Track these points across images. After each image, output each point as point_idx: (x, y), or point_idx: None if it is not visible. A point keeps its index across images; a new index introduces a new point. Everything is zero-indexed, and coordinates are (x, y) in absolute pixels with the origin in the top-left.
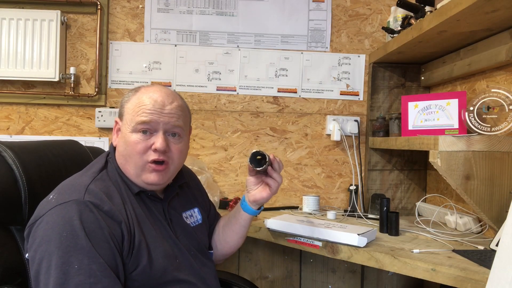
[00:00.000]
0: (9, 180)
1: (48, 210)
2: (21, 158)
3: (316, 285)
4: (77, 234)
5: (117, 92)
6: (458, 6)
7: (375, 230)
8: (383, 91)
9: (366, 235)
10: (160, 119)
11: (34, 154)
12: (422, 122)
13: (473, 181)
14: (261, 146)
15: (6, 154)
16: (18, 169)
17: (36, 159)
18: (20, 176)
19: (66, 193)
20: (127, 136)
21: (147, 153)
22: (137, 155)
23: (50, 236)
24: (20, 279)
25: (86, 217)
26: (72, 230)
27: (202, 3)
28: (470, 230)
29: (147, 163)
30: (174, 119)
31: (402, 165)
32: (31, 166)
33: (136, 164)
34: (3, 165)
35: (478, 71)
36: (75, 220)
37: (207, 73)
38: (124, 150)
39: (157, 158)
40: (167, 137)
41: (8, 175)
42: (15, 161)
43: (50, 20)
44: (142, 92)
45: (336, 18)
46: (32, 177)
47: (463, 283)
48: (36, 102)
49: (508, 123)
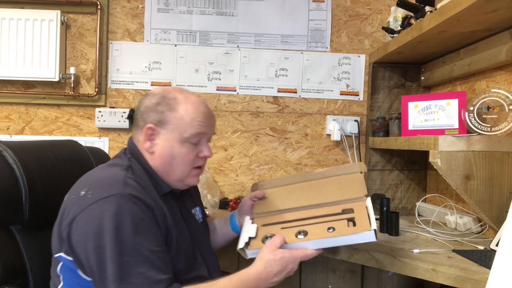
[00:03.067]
0: (10, 180)
1: (88, 206)
2: (21, 158)
3: (316, 285)
4: (124, 226)
5: (117, 92)
6: (458, 6)
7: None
8: (383, 91)
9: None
10: (211, 132)
11: (35, 154)
12: (422, 122)
13: (473, 181)
14: (261, 146)
15: (6, 153)
16: (19, 169)
17: (36, 159)
18: (20, 175)
19: (104, 187)
20: (176, 146)
21: (194, 161)
22: (188, 164)
23: (97, 232)
24: (20, 279)
25: (131, 209)
26: (120, 222)
27: (202, 3)
28: (470, 230)
29: (192, 169)
30: (213, 128)
31: (402, 165)
32: (31, 166)
33: (183, 172)
34: (3, 164)
35: (478, 71)
36: (120, 213)
37: (207, 73)
38: (172, 160)
39: (203, 164)
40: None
41: (8, 174)
42: (15, 161)
43: (50, 20)
44: (188, 102)
45: (336, 18)
46: (32, 177)
47: (463, 283)
48: (36, 102)
49: (508, 123)
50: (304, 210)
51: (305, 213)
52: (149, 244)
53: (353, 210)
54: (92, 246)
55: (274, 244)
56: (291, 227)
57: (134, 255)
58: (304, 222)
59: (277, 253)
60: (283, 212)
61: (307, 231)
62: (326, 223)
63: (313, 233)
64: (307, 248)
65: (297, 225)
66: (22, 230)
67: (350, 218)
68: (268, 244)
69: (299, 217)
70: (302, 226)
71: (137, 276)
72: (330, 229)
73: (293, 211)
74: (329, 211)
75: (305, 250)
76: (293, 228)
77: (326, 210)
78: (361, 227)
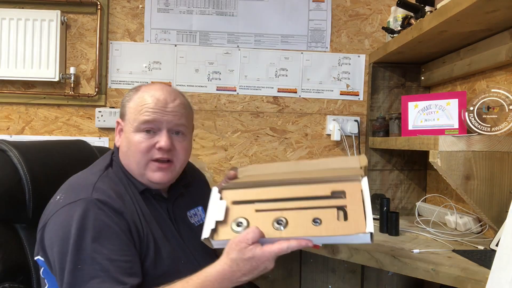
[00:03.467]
0: (14, 179)
1: (56, 211)
2: (25, 157)
3: (316, 285)
4: (86, 233)
5: (117, 92)
6: (458, 6)
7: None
8: (383, 91)
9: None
10: (163, 118)
11: (40, 153)
12: (422, 122)
13: (473, 181)
14: (261, 146)
15: (11, 153)
16: (22, 168)
17: (41, 158)
18: (24, 174)
19: (73, 192)
20: (130, 136)
21: (150, 152)
22: (140, 154)
23: (62, 238)
24: (22, 277)
25: (95, 214)
26: (81, 229)
27: (202, 3)
28: (470, 230)
29: (150, 161)
30: (177, 117)
31: (402, 165)
32: (35, 165)
33: (139, 163)
34: (7, 164)
35: (478, 71)
36: (83, 218)
37: (207, 73)
38: (128, 150)
39: (161, 157)
40: (171, 135)
41: (12, 174)
42: (19, 160)
43: (50, 20)
44: (143, 90)
45: (336, 18)
46: (36, 176)
47: (463, 283)
48: (36, 102)
49: (508, 123)
50: (286, 187)
51: (287, 190)
52: (109, 252)
53: (345, 193)
54: (57, 251)
55: (244, 240)
56: (268, 211)
57: (90, 263)
58: (284, 204)
59: (246, 251)
60: (260, 186)
61: (288, 220)
62: (311, 211)
63: (295, 224)
64: (284, 241)
65: (276, 208)
66: (27, 228)
67: (340, 206)
68: (237, 240)
69: (279, 196)
70: (281, 210)
71: (89, 286)
72: (316, 221)
73: (272, 186)
74: (315, 192)
75: (282, 244)
76: (270, 213)
77: (312, 190)
78: (355, 225)
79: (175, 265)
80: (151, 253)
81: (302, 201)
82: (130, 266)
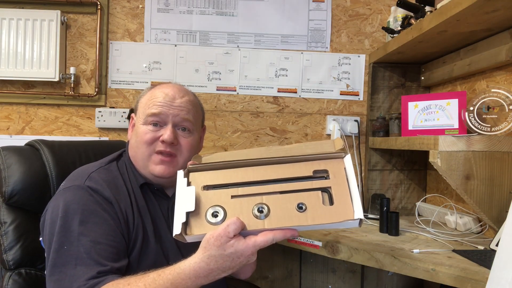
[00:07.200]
0: (42, 174)
1: (54, 196)
2: (53, 155)
3: (316, 285)
4: (72, 217)
5: (117, 92)
6: (458, 6)
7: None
8: (383, 91)
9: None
10: (169, 112)
11: (70, 152)
12: (422, 122)
13: (473, 181)
14: (261, 146)
15: (42, 152)
16: (49, 165)
17: (70, 157)
18: (49, 171)
19: (70, 180)
20: (138, 129)
21: (154, 144)
22: (144, 145)
23: (52, 219)
24: (43, 264)
25: (85, 200)
26: (68, 212)
27: (202, 3)
28: (470, 230)
29: (153, 153)
30: (183, 113)
31: (402, 165)
32: (61, 163)
33: (143, 154)
34: (38, 161)
35: (478, 71)
36: (73, 203)
37: (207, 73)
38: (135, 142)
39: (163, 149)
40: (176, 130)
41: (41, 169)
42: (47, 158)
43: (50, 20)
44: (157, 88)
45: (336, 18)
46: (61, 174)
47: (463, 283)
48: (36, 102)
49: (508, 123)
50: (263, 167)
51: (264, 171)
52: (95, 235)
53: (328, 172)
54: (47, 233)
55: (225, 234)
56: (245, 196)
57: (75, 245)
58: (263, 188)
59: (227, 247)
60: (234, 166)
61: (269, 207)
62: (294, 195)
63: (277, 212)
64: (269, 231)
65: (254, 193)
66: None
67: (324, 188)
68: (217, 235)
69: (256, 178)
70: (261, 195)
71: (71, 266)
72: (300, 207)
73: (247, 167)
74: (296, 172)
75: (267, 235)
76: (249, 199)
77: (293, 170)
78: (342, 211)
79: (161, 263)
80: (138, 245)
81: (282, 184)
82: (115, 252)
